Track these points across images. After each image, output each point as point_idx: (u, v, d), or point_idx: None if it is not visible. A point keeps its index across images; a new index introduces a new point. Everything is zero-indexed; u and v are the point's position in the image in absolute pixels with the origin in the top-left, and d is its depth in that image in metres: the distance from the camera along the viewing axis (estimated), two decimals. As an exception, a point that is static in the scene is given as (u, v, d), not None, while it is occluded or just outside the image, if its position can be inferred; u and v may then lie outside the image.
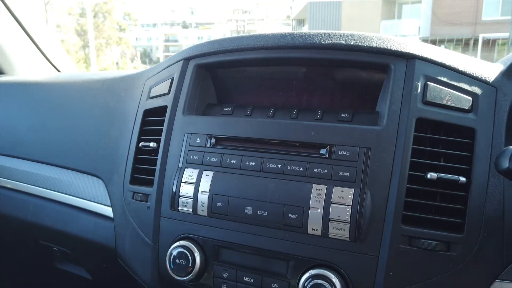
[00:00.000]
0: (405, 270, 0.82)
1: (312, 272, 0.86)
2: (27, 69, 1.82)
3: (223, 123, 1.00)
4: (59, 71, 1.94)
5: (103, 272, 1.38)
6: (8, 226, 1.43)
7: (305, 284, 0.85)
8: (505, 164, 0.69)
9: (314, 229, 0.86)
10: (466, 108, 0.86)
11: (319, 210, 0.85)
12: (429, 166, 0.85)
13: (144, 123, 1.15)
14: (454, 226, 0.82)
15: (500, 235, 0.80)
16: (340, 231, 0.84)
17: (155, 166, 1.06)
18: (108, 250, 1.18)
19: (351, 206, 0.83)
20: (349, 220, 0.83)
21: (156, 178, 1.05)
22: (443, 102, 0.86)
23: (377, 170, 0.84)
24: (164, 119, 1.07)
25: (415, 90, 0.86)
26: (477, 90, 0.87)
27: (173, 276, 0.98)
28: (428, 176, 0.82)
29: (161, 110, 1.10)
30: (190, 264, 0.95)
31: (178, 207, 0.99)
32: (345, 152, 0.87)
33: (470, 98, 0.86)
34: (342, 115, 0.93)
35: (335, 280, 0.83)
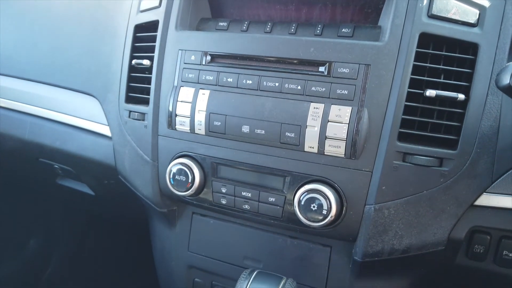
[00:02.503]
0: (397, 185, 0.85)
1: (307, 187, 0.89)
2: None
3: (218, 39, 0.96)
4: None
5: (106, 188, 1.43)
6: (7, 145, 1.44)
7: (301, 198, 0.89)
8: (506, 80, 0.68)
9: (310, 147, 0.88)
10: (472, 22, 0.82)
11: (316, 128, 0.86)
12: (428, 84, 0.84)
13: (135, 39, 1.10)
14: (448, 143, 0.84)
15: (492, 152, 0.82)
16: (336, 148, 0.86)
17: (150, 84, 1.04)
18: (108, 167, 1.21)
19: (348, 124, 0.84)
20: (345, 137, 0.84)
21: (151, 97, 1.03)
22: (449, 15, 0.82)
23: (376, 88, 0.83)
24: (156, 35, 1.03)
25: (421, 2, 0.81)
26: (485, 1, 0.83)
27: (173, 192, 1.02)
28: (427, 93, 0.81)
29: (153, 25, 1.05)
30: (189, 180, 0.98)
31: (175, 126, 1.00)
32: (344, 70, 0.85)
33: (477, 11, 0.82)
34: (343, 30, 0.89)
35: (329, 194, 0.87)
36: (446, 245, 0.88)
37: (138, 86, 1.09)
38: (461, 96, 0.81)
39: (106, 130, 1.20)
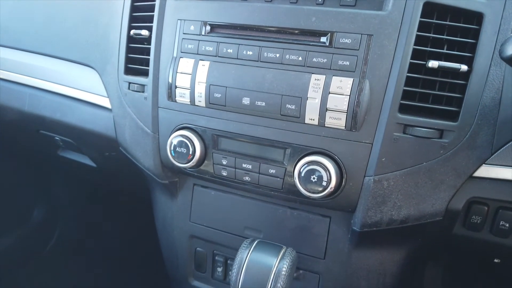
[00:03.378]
0: (396, 156, 0.85)
1: (307, 158, 0.89)
2: None
3: (218, 8, 0.94)
4: None
5: (107, 160, 1.44)
6: (7, 117, 1.44)
7: (301, 170, 0.89)
8: (510, 51, 0.67)
9: (311, 119, 0.87)
10: None
11: (316, 100, 0.86)
12: (431, 54, 0.82)
13: (133, 8, 1.08)
14: (449, 114, 0.83)
15: (493, 123, 0.82)
16: (336, 120, 0.85)
17: (149, 55, 1.02)
18: (109, 139, 1.21)
19: (349, 96, 0.83)
20: (346, 109, 0.84)
21: (151, 68, 1.02)
22: None
23: (378, 59, 0.82)
24: (154, 4, 1.00)
25: None
26: None
27: (174, 163, 1.02)
28: (429, 64, 0.80)
29: (151, -7, 1.02)
30: (190, 152, 0.99)
31: (175, 97, 0.99)
32: (346, 40, 0.83)
33: None
34: None
35: (329, 166, 0.87)
36: (444, 216, 0.89)
37: (137, 57, 1.08)
38: (464, 67, 0.80)
39: (106, 102, 1.19)
